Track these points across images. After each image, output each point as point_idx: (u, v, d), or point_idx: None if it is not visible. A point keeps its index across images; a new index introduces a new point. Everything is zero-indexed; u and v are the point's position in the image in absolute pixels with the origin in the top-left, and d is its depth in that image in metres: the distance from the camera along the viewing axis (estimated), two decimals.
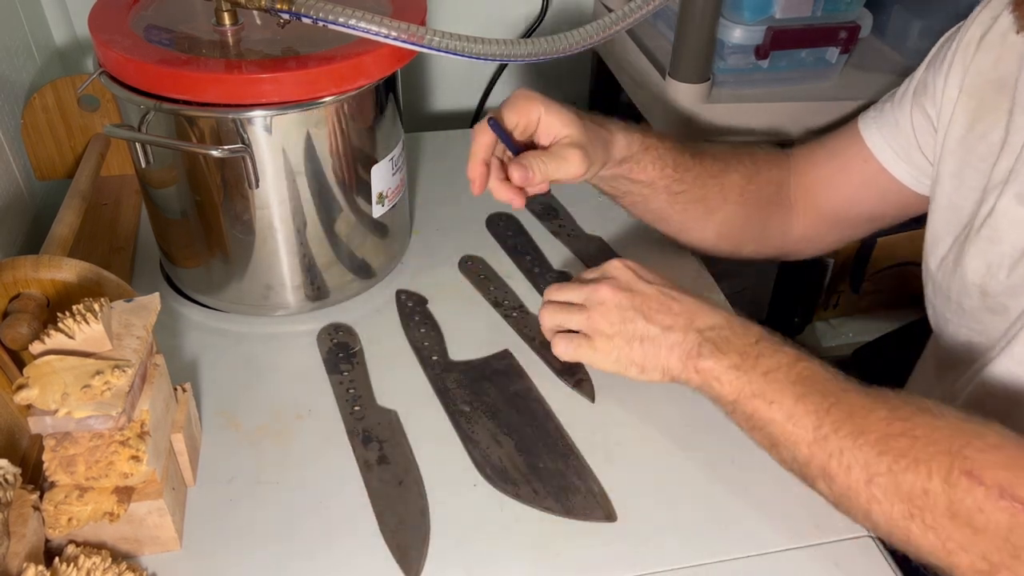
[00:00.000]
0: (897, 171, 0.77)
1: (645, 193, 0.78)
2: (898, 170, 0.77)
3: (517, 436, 0.69)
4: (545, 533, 0.62)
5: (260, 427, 0.70)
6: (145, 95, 0.67)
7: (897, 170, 0.77)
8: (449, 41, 0.63)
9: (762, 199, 0.82)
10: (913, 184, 0.77)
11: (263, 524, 0.62)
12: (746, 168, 0.81)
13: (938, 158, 0.72)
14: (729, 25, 0.91)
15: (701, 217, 0.80)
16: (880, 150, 0.77)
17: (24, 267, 0.64)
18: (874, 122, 0.78)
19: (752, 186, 0.81)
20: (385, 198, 0.80)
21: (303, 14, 0.63)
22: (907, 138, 0.76)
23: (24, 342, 0.61)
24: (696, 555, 0.61)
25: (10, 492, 0.51)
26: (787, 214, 0.84)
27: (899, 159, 0.77)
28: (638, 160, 0.75)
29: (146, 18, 0.73)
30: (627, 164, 0.74)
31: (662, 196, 0.78)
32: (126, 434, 0.54)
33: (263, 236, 0.75)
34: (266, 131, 0.69)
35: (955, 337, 0.73)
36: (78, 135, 0.92)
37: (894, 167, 0.77)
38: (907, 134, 0.76)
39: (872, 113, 0.79)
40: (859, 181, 0.79)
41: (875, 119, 0.78)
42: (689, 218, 0.80)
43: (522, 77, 1.26)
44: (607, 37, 0.67)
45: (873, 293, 1.31)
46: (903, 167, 0.77)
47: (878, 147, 0.78)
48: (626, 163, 0.74)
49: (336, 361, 0.76)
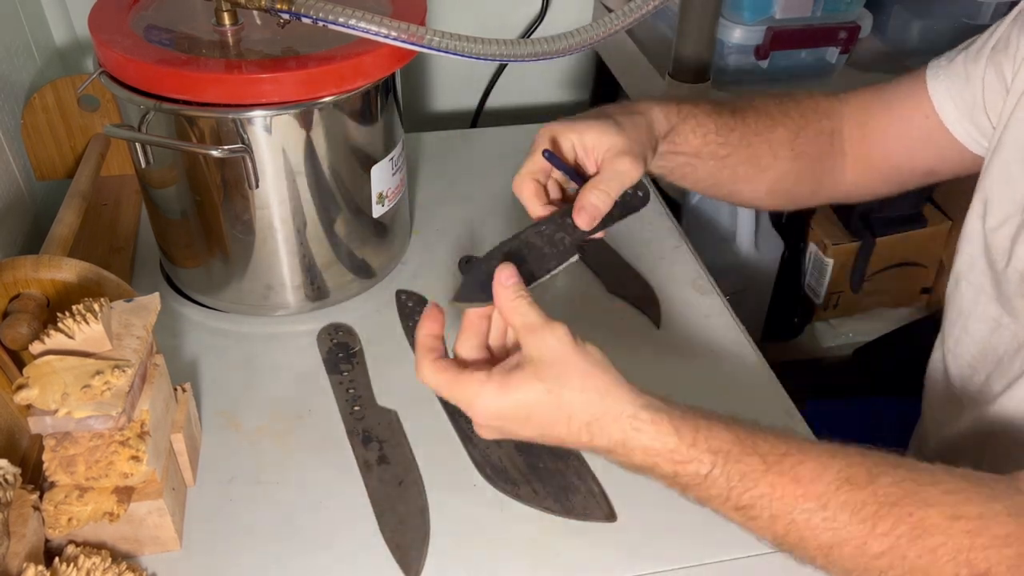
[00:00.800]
0: (958, 130, 0.71)
1: (693, 163, 0.72)
2: (959, 129, 0.71)
3: None
4: (545, 533, 0.62)
5: (260, 427, 0.70)
6: (145, 95, 0.67)
7: (958, 129, 0.71)
8: (449, 41, 0.63)
9: (813, 152, 0.76)
10: (972, 146, 0.72)
11: (263, 524, 0.62)
12: (793, 121, 0.75)
13: (1004, 123, 0.67)
14: (729, 25, 0.92)
15: (752, 177, 0.75)
16: (943, 105, 0.72)
17: (24, 267, 0.64)
18: (943, 72, 0.72)
19: (801, 140, 0.75)
20: (385, 198, 0.80)
21: (303, 14, 0.63)
22: (974, 96, 0.70)
23: (24, 342, 0.61)
24: (696, 555, 0.61)
25: (10, 492, 0.51)
26: (840, 163, 0.78)
27: (962, 117, 0.71)
28: (679, 131, 0.69)
29: (146, 18, 0.73)
30: (670, 138, 0.69)
31: (709, 163, 0.72)
32: (126, 434, 0.54)
33: (263, 236, 0.75)
34: (266, 131, 0.69)
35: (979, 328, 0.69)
36: (78, 135, 0.92)
37: (955, 126, 0.71)
38: (975, 91, 0.69)
39: (942, 62, 0.73)
40: (917, 135, 0.74)
41: (945, 70, 0.72)
42: (740, 179, 0.75)
43: (522, 77, 1.26)
44: (607, 37, 0.67)
45: (873, 293, 1.31)
46: (965, 127, 0.71)
47: (941, 101, 0.72)
48: (669, 138, 0.69)
49: (336, 361, 0.76)
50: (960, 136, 0.72)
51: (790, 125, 0.75)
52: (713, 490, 0.51)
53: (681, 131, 0.69)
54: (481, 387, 0.51)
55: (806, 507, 0.49)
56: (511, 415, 0.52)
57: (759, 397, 0.75)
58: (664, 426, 0.51)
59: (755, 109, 0.75)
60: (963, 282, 0.73)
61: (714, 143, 0.71)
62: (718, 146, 0.71)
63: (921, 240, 1.26)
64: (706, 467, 0.50)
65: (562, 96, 1.31)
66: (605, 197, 0.60)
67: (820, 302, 1.30)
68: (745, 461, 0.50)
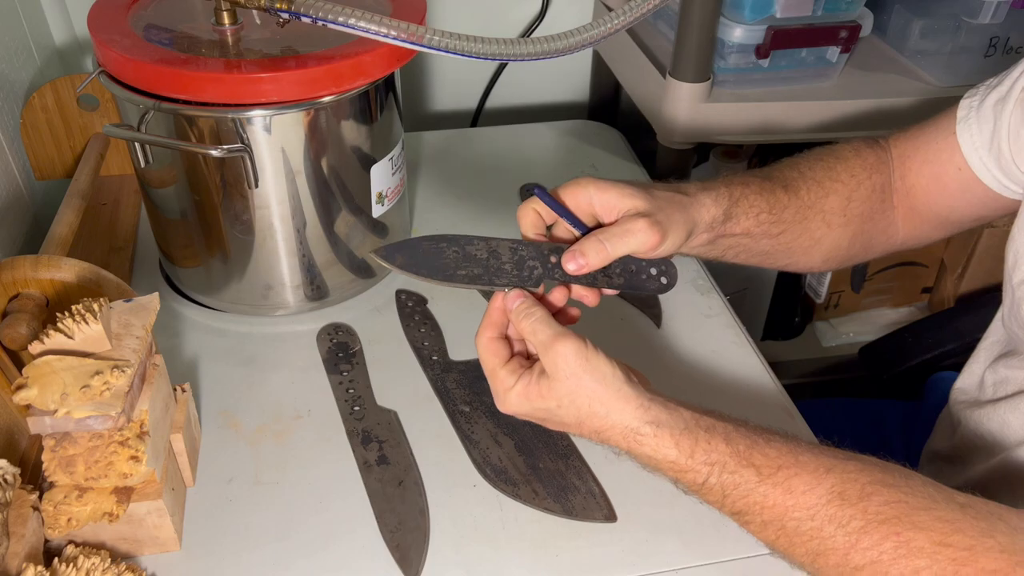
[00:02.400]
0: (991, 182, 0.69)
1: (745, 243, 0.69)
2: (992, 182, 0.69)
3: (517, 436, 0.69)
4: (545, 533, 0.62)
5: (260, 427, 0.70)
6: (144, 95, 0.67)
7: (991, 181, 0.69)
8: (449, 41, 0.63)
9: (865, 214, 0.74)
10: (1008, 195, 0.69)
11: (263, 524, 0.62)
12: (844, 186, 0.73)
13: None
14: (729, 25, 0.91)
15: (807, 249, 0.73)
16: (971, 157, 0.69)
17: (23, 267, 0.64)
18: (974, 117, 0.69)
19: (854, 204, 0.73)
20: (385, 198, 0.79)
21: (303, 14, 0.63)
22: (1000, 146, 0.67)
23: (23, 342, 0.61)
24: (696, 555, 0.61)
25: (9, 492, 0.51)
26: (891, 218, 0.76)
27: (994, 168, 0.68)
28: (731, 215, 0.66)
29: (145, 18, 0.73)
30: (726, 224, 0.66)
31: (763, 241, 0.70)
32: (125, 434, 0.54)
33: (263, 236, 0.75)
34: (265, 131, 0.69)
35: None
36: (78, 135, 0.92)
37: (987, 178, 0.69)
38: (1001, 141, 0.67)
39: (974, 102, 0.70)
40: (955, 188, 0.71)
41: (976, 113, 0.69)
42: (795, 253, 0.73)
43: (522, 77, 1.26)
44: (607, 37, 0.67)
45: (874, 293, 1.31)
46: (998, 177, 0.69)
47: (970, 153, 0.69)
48: (724, 224, 0.66)
49: (336, 361, 0.76)
50: (995, 187, 0.69)
51: (841, 191, 0.72)
52: (710, 496, 0.54)
53: (734, 215, 0.66)
54: (508, 390, 0.57)
55: (795, 516, 0.51)
56: (531, 415, 0.57)
57: (759, 397, 0.74)
58: (665, 440, 0.54)
59: (806, 181, 0.72)
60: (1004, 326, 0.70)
61: (767, 222, 0.69)
62: (771, 225, 0.69)
63: None
64: (702, 477, 0.53)
65: (562, 96, 1.31)
66: (601, 251, 0.58)
67: (821, 302, 1.30)
68: (740, 473, 0.53)
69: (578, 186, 0.61)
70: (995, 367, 0.71)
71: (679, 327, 0.81)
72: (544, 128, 1.12)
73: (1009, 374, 0.69)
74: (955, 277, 1.25)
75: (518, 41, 0.65)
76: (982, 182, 0.69)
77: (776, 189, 0.69)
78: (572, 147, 1.08)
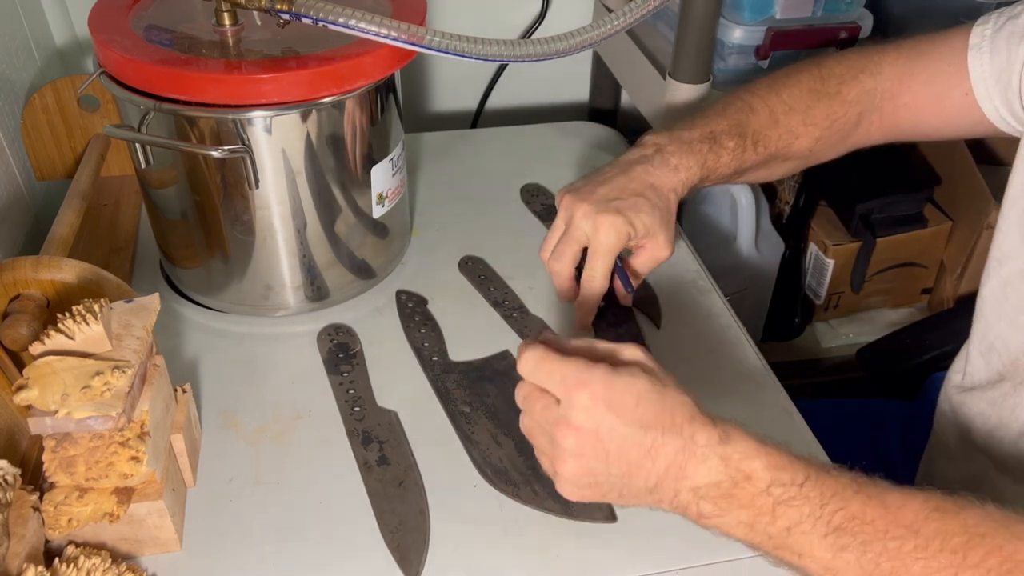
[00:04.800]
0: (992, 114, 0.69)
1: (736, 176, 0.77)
2: (994, 114, 0.69)
3: (517, 437, 0.68)
4: (545, 534, 0.62)
5: (260, 427, 0.70)
6: (145, 95, 0.67)
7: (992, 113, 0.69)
8: (449, 41, 0.63)
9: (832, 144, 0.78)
10: (1005, 128, 0.69)
11: (263, 524, 0.62)
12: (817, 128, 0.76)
13: None
14: (729, 25, 0.91)
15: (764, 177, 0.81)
16: (978, 86, 0.68)
17: (24, 268, 0.64)
18: (987, 45, 0.68)
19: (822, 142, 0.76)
20: (385, 198, 0.80)
21: (303, 14, 0.63)
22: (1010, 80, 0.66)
23: (24, 343, 0.61)
24: (696, 555, 0.61)
25: (10, 493, 0.51)
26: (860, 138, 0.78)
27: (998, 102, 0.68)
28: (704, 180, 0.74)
29: (146, 18, 0.73)
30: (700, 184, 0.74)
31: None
32: (126, 435, 0.54)
33: (263, 236, 0.75)
34: (266, 131, 0.69)
35: None
36: (78, 135, 0.92)
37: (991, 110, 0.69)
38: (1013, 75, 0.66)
39: (988, 30, 0.68)
40: (952, 112, 0.71)
41: (989, 42, 0.68)
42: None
43: (522, 77, 1.26)
44: (607, 38, 0.67)
45: (874, 294, 1.31)
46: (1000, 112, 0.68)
47: (978, 81, 0.68)
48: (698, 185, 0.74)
49: (336, 362, 0.76)
50: (993, 118, 0.69)
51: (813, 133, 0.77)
52: (806, 507, 0.48)
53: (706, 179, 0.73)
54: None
55: (897, 534, 0.47)
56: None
57: (759, 397, 0.74)
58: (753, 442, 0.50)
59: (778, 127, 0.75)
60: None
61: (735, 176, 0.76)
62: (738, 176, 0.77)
63: (922, 240, 1.26)
64: (801, 476, 0.48)
65: (562, 97, 1.31)
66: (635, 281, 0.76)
67: (820, 302, 1.30)
68: (836, 477, 0.48)
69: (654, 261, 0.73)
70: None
71: (679, 327, 0.81)
72: (544, 129, 1.12)
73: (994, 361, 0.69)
74: (955, 277, 1.26)
75: (518, 42, 0.65)
76: (982, 110, 0.69)
77: (747, 147, 0.75)
78: (572, 148, 1.08)
